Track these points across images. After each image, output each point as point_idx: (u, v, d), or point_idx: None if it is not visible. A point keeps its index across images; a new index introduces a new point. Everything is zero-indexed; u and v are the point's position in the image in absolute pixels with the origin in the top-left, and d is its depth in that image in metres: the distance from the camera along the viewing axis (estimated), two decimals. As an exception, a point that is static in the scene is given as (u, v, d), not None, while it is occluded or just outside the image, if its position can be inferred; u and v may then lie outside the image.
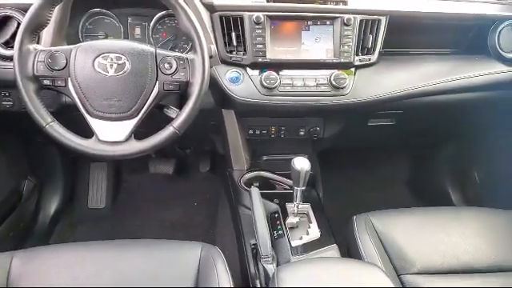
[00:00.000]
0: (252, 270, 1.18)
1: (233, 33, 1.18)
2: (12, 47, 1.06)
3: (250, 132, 1.46)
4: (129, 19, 1.30)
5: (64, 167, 1.90)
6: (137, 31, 1.31)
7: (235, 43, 1.19)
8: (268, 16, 1.18)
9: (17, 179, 1.64)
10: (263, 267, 1.08)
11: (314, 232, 1.22)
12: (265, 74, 1.20)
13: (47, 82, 0.98)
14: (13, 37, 1.12)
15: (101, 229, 1.86)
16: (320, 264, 0.89)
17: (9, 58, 1.12)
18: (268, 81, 1.19)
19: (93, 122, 1.00)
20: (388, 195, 2.01)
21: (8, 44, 1.15)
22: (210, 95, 1.26)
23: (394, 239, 1.09)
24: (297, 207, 1.22)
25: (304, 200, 1.23)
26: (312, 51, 1.22)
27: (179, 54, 1.02)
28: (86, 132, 1.00)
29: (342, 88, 1.22)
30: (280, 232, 1.23)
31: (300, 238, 1.20)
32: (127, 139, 1.00)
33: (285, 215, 1.28)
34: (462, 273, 1.04)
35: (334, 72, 1.22)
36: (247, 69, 1.21)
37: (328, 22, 1.21)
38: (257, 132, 1.46)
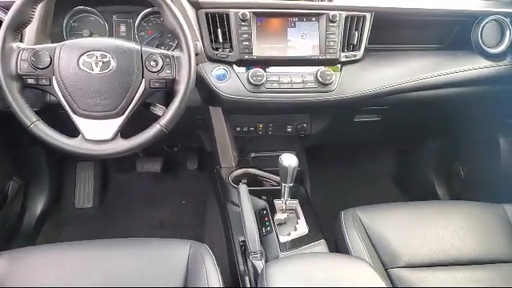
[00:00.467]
0: (241, 267, 1.19)
1: (219, 30, 1.18)
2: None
3: (238, 129, 1.46)
4: (114, 17, 1.29)
5: (50, 167, 1.87)
6: (122, 29, 1.30)
7: (221, 40, 1.19)
8: (254, 13, 1.18)
9: (1, 180, 1.61)
10: (252, 264, 1.08)
11: (302, 228, 1.23)
12: (251, 71, 1.20)
13: (31, 81, 0.97)
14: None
15: (88, 229, 1.84)
16: (308, 259, 0.90)
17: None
18: (255, 78, 1.19)
19: (78, 121, 0.98)
20: (375, 190, 2.04)
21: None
22: (197, 92, 1.25)
23: (381, 234, 1.11)
24: (285, 203, 1.23)
25: (292, 196, 1.23)
26: (298, 48, 1.22)
27: (165, 52, 1.02)
28: (72, 131, 0.99)
29: (329, 84, 1.23)
30: (268, 228, 1.23)
31: (288, 234, 1.20)
32: (114, 138, 0.99)
33: (273, 211, 1.28)
34: (448, 265, 1.06)
35: (321, 68, 1.23)
36: (234, 66, 1.21)
37: (314, 19, 1.21)
38: (244, 129, 1.46)
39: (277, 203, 1.30)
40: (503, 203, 1.20)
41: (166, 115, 1.00)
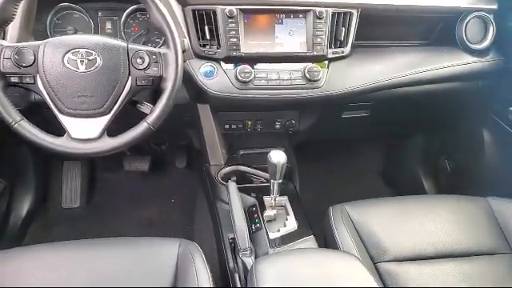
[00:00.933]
0: (231, 264, 1.19)
1: (206, 26, 1.17)
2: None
3: (226, 126, 1.45)
4: (99, 14, 1.27)
5: (35, 167, 1.84)
6: (108, 26, 1.28)
7: (208, 37, 1.18)
8: (241, 9, 1.17)
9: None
10: (242, 260, 1.09)
11: (292, 224, 1.23)
12: (239, 68, 1.19)
13: (15, 79, 0.95)
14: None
15: (76, 229, 1.82)
16: (297, 255, 0.90)
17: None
18: (243, 74, 1.19)
19: (64, 120, 0.97)
20: (363, 186, 2.06)
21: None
22: (185, 90, 1.25)
23: (370, 228, 1.12)
24: (274, 200, 1.23)
25: (281, 193, 1.24)
26: (286, 44, 1.22)
27: (151, 49, 1.01)
28: (58, 130, 0.98)
29: (316, 81, 1.23)
30: (258, 225, 1.24)
31: (278, 231, 1.21)
32: (100, 136, 0.98)
33: (262, 208, 1.29)
34: (435, 258, 1.07)
35: (308, 65, 1.23)
36: (221, 63, 1.21)
37: (301, 15, 1.22)
38: (233, 126, 1.45)
39: (266, 200, 1.30)
40: (488, 196, 1.22)
41: (154, 113, 0.99)
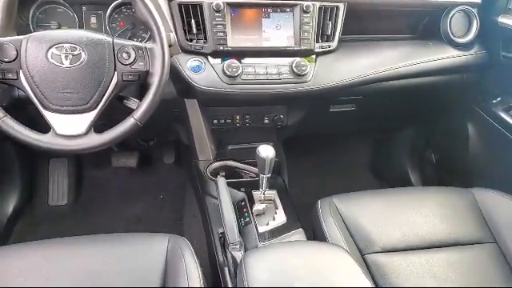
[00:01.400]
0: (220, 258, 1.19)
1: (192, 21, 1.16)
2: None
3: (215, 121, 1.45)
4: (83, 8, 1.25)
5: (21, 164, 1.81)
6: (92, 20, 1.26)
7: (195, 31, 1.18)
8: (227, 3, 1.17)
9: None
10: (231, 255, 1.09)
11: (281, 217, 1.24)
12: (227, 63, 1.19)
13: None
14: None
15: (64, 226, 1.80)
16: (286, 247, 0.91)
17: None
18: (230, 69, 1.19)
19: (49, 116, 0.96)
20: (351, 179, 2.08)
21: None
22: (172, 85, 1.24)
23: (357, 221, 1.13)
24: (263, 194, 1.24)
25: (270, 187, 1.24)
26: (273, 39, 1.22)
27: (137, 44, 1.00)
28: (44, 127, 0.96)
29: (304, 75, 1.23)
30: (247, 219, 1.24)
31: (267, 224, 1.22)
32: (87, 132, 0.97)
33: (251, 203, 1.29)
34: (421, 249, 1.09)
35: (296, 59, 1.23)
36: (209, 57, 1.20)
37: (288, 10, 1.22)
38: (221, 121, 1.45)
39: (255, 194, 1.31)
40: (472, 188, 1.25)
41: (140, 108, 0.99)
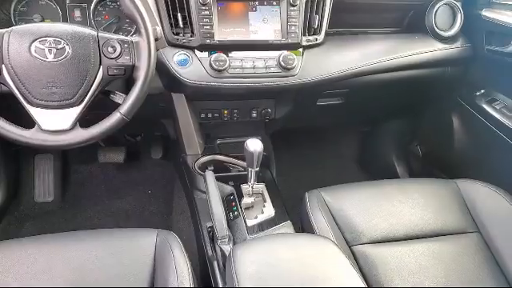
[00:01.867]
0: (209, 252, 1.19)
1: (179, 14, 1.15)
2: None
3: (202, 116, 1.45)
4: (67, 1, 1.23)
5: (6, 160, 1.78)
6: (76, 14, 1.24)
7: (182, 25, 1.17)
8: (214, -4, 1.16)
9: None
10: (220, 248, 1.09)
11: (269, 211, 1.25)
12: (214, 56, 1.18)
13: None
14: None
15: (51, 223, 1.78)
16: (274, 239, 0.92)
17: None
18: (217, 63, 1.18)
19: (33, 111, 0.94)
20: (339, 172, 2.10)
21: None
22: (158, 79, 1.23)
23: (345, 212, 1.14)
24: (251, 188, 1.24)
25: (258, 180, 1.25)
26: (260, 32, 1.22)
27: (123, 37, 0.99)
28: (27, 122, 0.95)
29: (291, 69, 1.24)
30: (236, 213, 1.25)
31: (255, 218, 1.22)
32: (72, 127, 0.96)
33: (240, 196, 1.30)
34: (407, 239, 1.11)
35: (283, 53, 1.23)
36: (195, 51, 1.20)
37: (274, 3, 1.21)
38: (209, 115, 1.45)
39: (243, 188, 1.31)
40: (456, 179, 1.27)
41: (127, 103, 0.98)
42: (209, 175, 1.29)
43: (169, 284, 0.87)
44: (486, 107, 1.41)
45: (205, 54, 1.20)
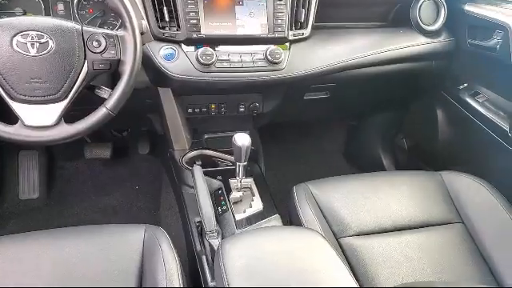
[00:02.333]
0: (198, 247, 1.20)
1: (164, 8, 1.14)
2: None
3: (190, 110, 1.44)
4: None
5: (-12, 158, 1.76)
6: (60, 7, 1.22)
7: (167, 18, 1.16)
8: (200, -10, 1.15)
9: None
10: (209, 243, 1.10)
11: (257, 205, 1.25)
12: (200, 50, 1.18)
13: None
14: None
15: (36, 220, 1.76)
16: (262, 233, 0.92)
17: None
18: (204, 57, 1.17)
19: (16, 107, 0.93)
20: (327, 165, 2.11)
21: None
22: (144, 73, 1.22)
23: (332, 205, 1.16)
24: (240, 182, 1.24)
25: (247, 175, 1.25)
26: (247, 26, 1.22)
27: (108, 31, 0.98)
28: (11, 117, 0.93)
29: (278, 63, 1.24)
30: (224, 207, 1.25)
31: (244, 212, 1.23)
32: (57, 123, 0.95)
33: (228, 191, 1.30)
34: (394, 231, 1.13)
35: (270, 47, 1.23)
36: (182, 45, 1.19)
37: (261, -3, 1.21)
38: (196, 110, 1.44)
39: (232, 182, 1.31)
40: (441, 171, 1.30)
41: (112, 98, 0.97)
42: (197, 170, 1.29)
43: (157, 279, 0.87)
44: (469, 100, 1.43)
45: (191, 48, 1.20)
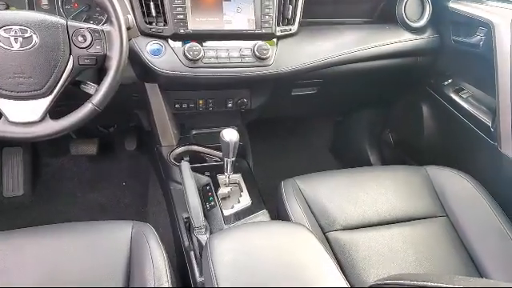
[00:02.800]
0: (186, 243, 1.20)
1: (151, 2, 1.13)
2: None
3: (177, 106, 1.43)
4: None
5: (-29, 155, 1.72)
6: (44, 1, 1.20)
7: (154, 13, 1.15)
8: (187, -15, 1.15)
9: None
10: (197, 238, 1.10)
11: (246, 200, 1.26)
12: (188, 46, 1.17)
13: None
14: None
15: (21, 218, 1.73)
16: (250, 228, 0.93)
17: None
18: (191, 52, 1.17)
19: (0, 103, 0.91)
20: (314, 161, 2.13)
21: None
22: (131, 69, 1.21)
23: (319, 200, 1.17)
24: (228, 178, 1.24)
25: (235, 170, 1.25)
26: (234, 22, 1.22)
27: (93, 26, 0.96)
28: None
29: (266, 58, 1.24)
30: (212, 203, 1.25)
31: (232, 207, 1.23)
32: (42, 119, 0.94)
33: (216, 187, 1.30)
34: (380, 225, 1.15)
35: (258, 43, 1.23)
36: (169, 40, 1.18)
37: (248, -8, 1.21)
38: (184, 106, 1.43)
39: (220, 178, 1.31)
40: (426, 165, 1.32)
41: (98, 93, 0.96)
42: (184, 166, 1.28)
43: (145, 275, 0.87)
44: (454, 96, 1.46)
45: (178, 44, 1.19)
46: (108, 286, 0.88)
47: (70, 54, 0.94)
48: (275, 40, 1.27)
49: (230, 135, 1.14)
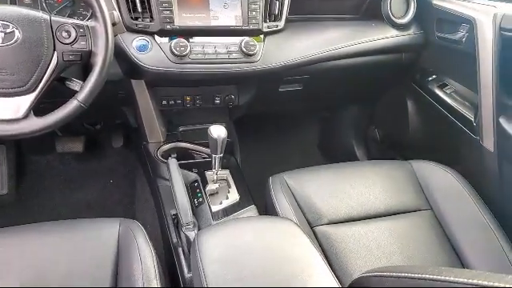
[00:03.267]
0: (174, 239, 1.20)
1: (136, -2, 1.13)
2: None
3: (164, 102, 1.42)
4: None
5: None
6: (26, -4, 1.18)
7: (140, 9, 1.14)
8: (173, -20, 1.14)
9: None
10: (185, 234, 1.10)
11: (234, 196, 1.26)
12: (174, 42, 1.17)
13: None
14: None
15: (6, 217, 1.70)
16: (238, 223, 0.93)
17: None
18: (178, 48, 1.16)
19: (-19, 100, 0.90)
20: (302, 156, 2.14)
21: None
22: (117, 65, 1.20)
23: (307, 195, 1.18)
24: (216, 174, 1.25)
25: (223, 167, 1.26)
26: (221, 18, 1.21)
27: (78, 22, 0.95)
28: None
29: (253, 55, 1.24)
30: (200, 199, 1.25)
31: (220, 203, 1.23)
32: (26, 116, 0.92)
33: (204, 183, 1.30)
34: (366, 219, 1.16)
35: (245, 39, 1.23)
36: (155, 36, 1.18)
37: (235, -12, 1.21)
38: (171, 102, 1.43)
39: (208, 174, 1.31)
40: (411, 160, 1.34)
41: (84, 90, 0.95)
42: (172, 163, 1.28)
43: (133, 272, 0.87)
44: (438, 92, 1.48)
45: (165, 40, 1.18)
46: (96, 286, 0.87)
47: (54, 50, 0.93)
48: (262, 36, 1.28)
49: (218, 131, 1.14)
